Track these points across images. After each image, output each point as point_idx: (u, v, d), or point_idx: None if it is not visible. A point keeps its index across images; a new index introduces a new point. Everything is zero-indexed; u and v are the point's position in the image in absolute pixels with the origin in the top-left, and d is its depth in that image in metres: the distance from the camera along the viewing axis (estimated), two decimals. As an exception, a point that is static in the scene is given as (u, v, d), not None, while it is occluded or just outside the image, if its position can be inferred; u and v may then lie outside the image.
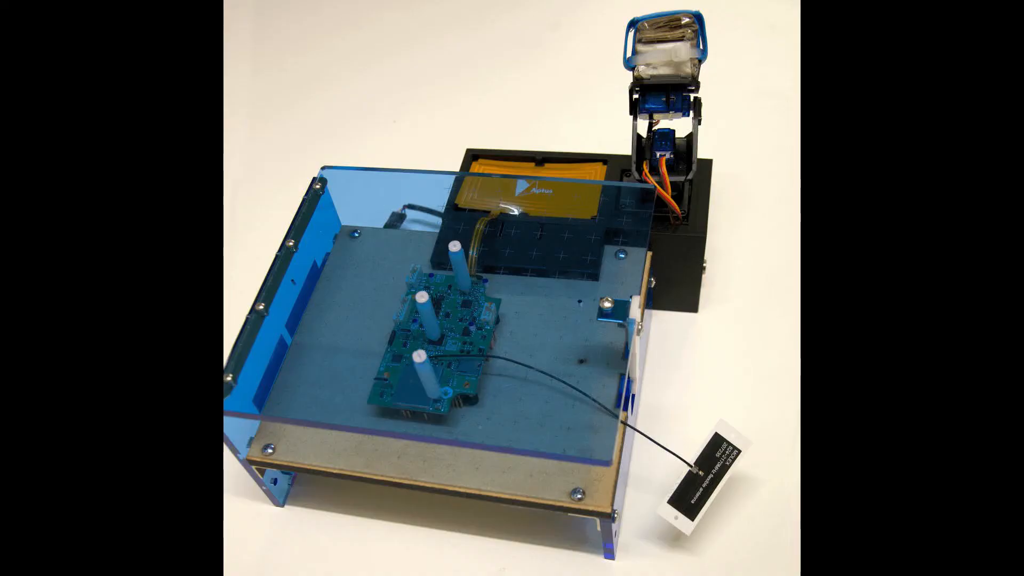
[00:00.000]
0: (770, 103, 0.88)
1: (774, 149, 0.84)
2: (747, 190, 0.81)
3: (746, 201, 0.80)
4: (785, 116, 0.86)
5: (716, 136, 0.82)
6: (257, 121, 0.97)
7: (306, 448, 0.58)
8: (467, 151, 0.75)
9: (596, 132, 0.86)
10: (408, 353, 0.57)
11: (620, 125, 0.72)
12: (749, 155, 0.83)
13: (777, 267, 0.74)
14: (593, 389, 0.55)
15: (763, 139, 0.85)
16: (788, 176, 0.81)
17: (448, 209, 0.68)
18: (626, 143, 0.72)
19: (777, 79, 0.89)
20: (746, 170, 0.82)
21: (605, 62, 0.86)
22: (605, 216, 0.64)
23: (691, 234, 0.66)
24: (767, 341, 0.69)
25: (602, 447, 0.52)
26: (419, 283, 0.61)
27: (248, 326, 0.57)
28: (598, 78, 0.91)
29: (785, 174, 0.81)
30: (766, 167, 0.82)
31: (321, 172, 0.66)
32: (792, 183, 0.80)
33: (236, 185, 0.90)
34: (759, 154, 0.84)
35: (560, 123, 0.90)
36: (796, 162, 0.81)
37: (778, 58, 0.91)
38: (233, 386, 0.54)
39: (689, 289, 0.70)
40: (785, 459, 0.62)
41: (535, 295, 0.61)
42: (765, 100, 0.88)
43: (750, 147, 0.84)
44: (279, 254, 0.61)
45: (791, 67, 0.90)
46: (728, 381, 0.67)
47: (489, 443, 0.54)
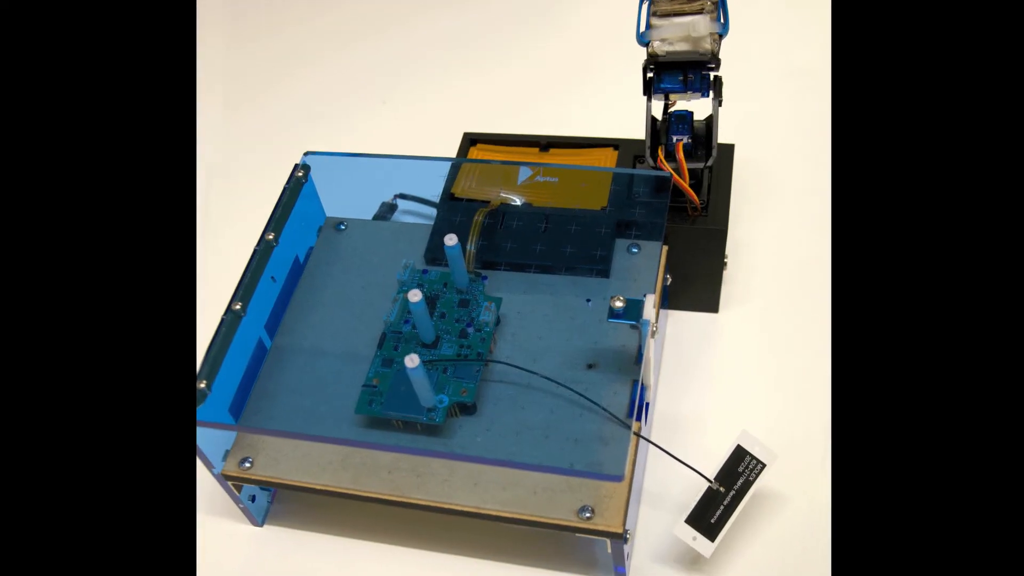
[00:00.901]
0: (798, 82, 0.87)
1: (802, 133, 0.83)
2: (772, 178, 0.81)
3: (771, 190, 0.80)
4: (815, 96, 0.86)
5: (738, 119, 0.82)
6: (233, 102, 0.97)
7: (287, 462, 0.58)
8: (464, 135, 0.75)
9: (606, 115, 0.86)
10: (400, 357, 0.57)
11: (633, 107, 0.72)
12: (775, 139, 0.83)
13: (805, 262, 0.74)
14: (603, 397, 0.55)
15: (790, 122, 0.85)
16: (818, 162, 0.81)
17: (443, 199, 0.68)
18: (639, 127, 0.72)
19: (806, 56, 0.89)
20: (771, 156, 0.82)
21: (616, 37, 0.86)
22: (616, 207, 0.64)
23: (711, 226, 0.66)
24: (794, 344, 0.69)
25: (613, 461, 0.52)
26: (412, 280, 0.61)
27: (224, 328, 0.57)
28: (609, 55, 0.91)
29: (814, 160, 0.81)
30: (794, 152, 0.82)
31: (304, 158, 0.66)
32: (822, 170, 0.80)
33: (210, 173, 0.90)
34: (786, 138, 0.83)
35: (567, 105, 0.90)
36: (826, 147, 0.81)
37: (807, 33, 0.91)
38: (207, 394, 0.54)
39: (708, 287, 0.70)
40: (815, 474, 0.62)
41: (539, 294, 0.61)
42: (793, 79, 0.88)
43: (776, 131, 0.84)
44: (258, 248, 0.61)
45: (821, 43, 0.90)
46: (751, 388, 0.67)
47: (488, 456, 0.54)
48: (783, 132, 0.84)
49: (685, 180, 0.64)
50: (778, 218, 0.77)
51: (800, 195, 0.79)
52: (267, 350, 0.61)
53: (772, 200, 0.79)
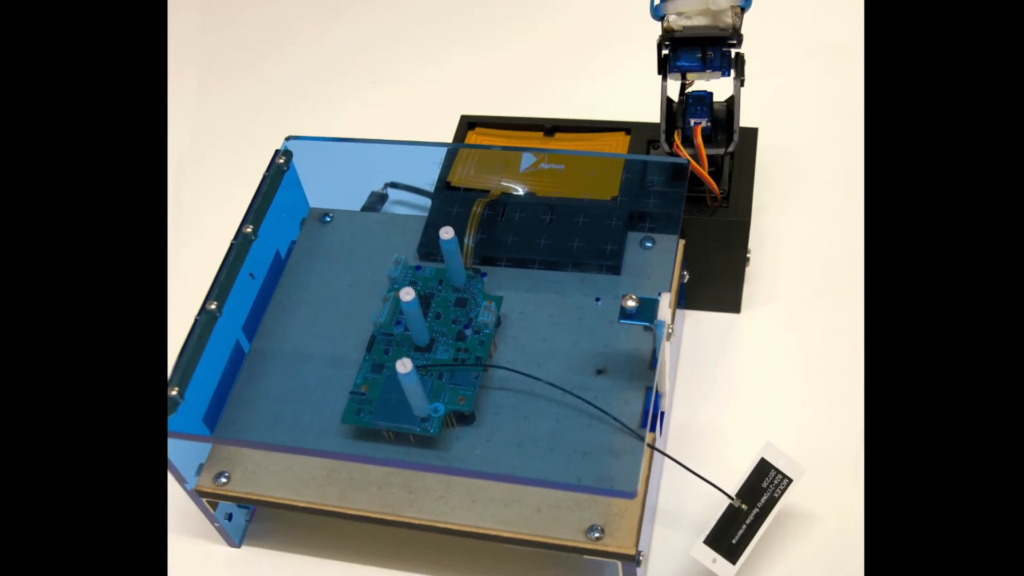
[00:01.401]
0: (828, 59, 0.87)
1: (833, 115, 0.83)
2: (800, 165, 0.80)
3: (798, 178, 0.80)
4: (846, 75, 0.86)
5: (762, 100, 0.82)
6: (207, 83, 0.97)
7: (267, 477, 0.58)
8: (462, 118, 0.75)
9: (617, 96, 0.86)
10: (391, 362, 0.57)
11: (646, 87, 0.72)
12: (802, 123, 0.83)
13: (836, 258, 0.74)
14: (614, 406, 0.55)
15: (819, 103, 0.85)
16: (850, 147, 0.81)
17: (438, 188, 0.68)
18: (653, 109, 0.71)
19: (837, 30, 0.89)
20: (799, 141, 0.82)
21: (628, 11, 0.86)
22: (628, 196, 0.64)
23: (732, 218, 0.66)
24: (824, 347, 0.69)
25: (625, 475, 0.52)
26: (404, 277, 0.61)
27: (197, 330, 0.57)
28: (620, 30, 0.91)
29: (846, 145, 0.81)
30: (823, 137, 0.82)
31: (285, 144, 0.66)
32: (855, 156, 0.80)
33: (182, 161, 0.90)
34: (815, 121, 0.83)
35: (574, 85, 0.90)
36: (859, 130, 0.81)
37: (838, 4, 0.91)
38: (179, 402, 0.54)
39: (730, 285, 0.70)
40: (846, 490, 0.62)
41: (544, 292, 0.61)
42: (822, 56, 0.88)
43: (803, 113, 0.84)
44: (235, 243, 0.61)
45: (853, 15, 0.90)
46: (776, 396, 0.67)
47: (488, 471, 0.53)
48: (811, 114, 0.84)
49: (704, 167, 0.64)
50: (806, 209, 0.77)
51: (830, 183, 0.79)
52: (245, 354, 0.61)
53: (799, 189, 0.79)
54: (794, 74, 0.87)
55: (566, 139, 0.72)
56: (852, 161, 0.80)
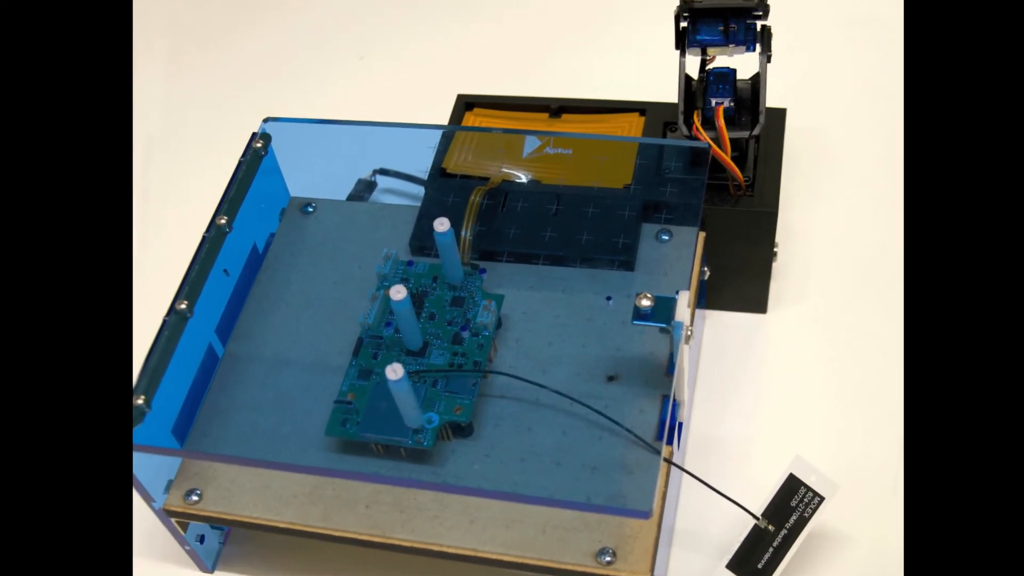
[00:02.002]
0: (864, 33, 0.87)
1: (869, 94, 0.83)
2: (832, 149, 0.80)
3: (831, 164, 0.79)
4: (884, 50, 0.86)
5: (791, 78, 0.82)
6: (178, 59, 0.97)
7: (243, 495, 0.59)
8: (458, 98, 0.75)
9: (631, 72, 0.86)
10: (380, 368, 0.57)
11: (663, 63, 0.72)
12: (835, 103, 0.83)
13: (873, 252, 0.74)
14: (627, 416, 0.55)
15: (855, 81, 0.85)
16: (888, 130, 0.81)
17: (433, 175, 0.68)
18: (670, 87, 0.71)
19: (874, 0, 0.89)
20: (831, 123, 0.82)
21: (643, -22, 0.86)
22: (643, 184, 0.64)
23: (758, 208, 0.66)
24: (859, 351, 0.69)
25: (639, 493, 0.52)
26: (394, 274, 0.61)
27: (166, 332, 0.57)
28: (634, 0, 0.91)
29: (884, 128, 0.81)
30: (858, 118, 0.82)
31: (263, 126, 0.66)
32: (893, 140, 0.80)
33: (150, 144, 0.90)
34: (849, 101, 0.83)
35: (583, 60, 0.90)
36: (898, 111, 0.81)
37: (875, -28, 0.91)
38: (146, 411, 0.54)
39: (755, 282, 0.70)
40: (884, 509, 0.62)
41: (549, 290, 0.61)
42: (857, 29, 0.88)
43: (837, 92, 0.84)
44: (207, 235, 0.61)
45: (892, -15, 0.90)
46: (807, 405, 0.67)
47: (488, 488, 0.53)
48: (845, 93, 0.84)
49: (726, 152, 0.64)
50: (839, 198, 0.77)
51: (866, 170, 0.79)
52: (218, 359, 0.61)
53: (832, 176, 0.79)
54: (826, 49, 0.86)
55: (574, 121, 0.72)
56: (890, 145, 0.80)
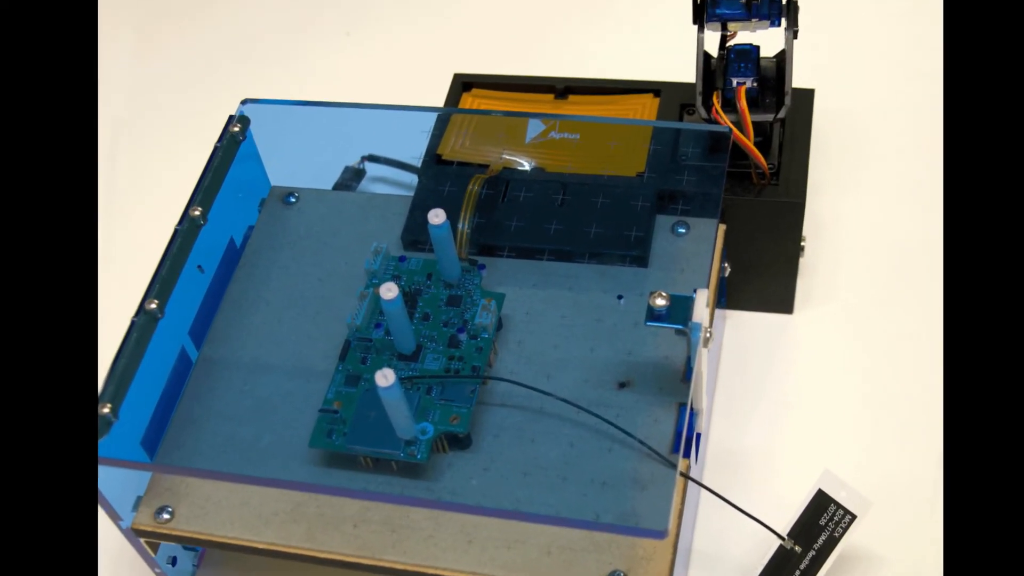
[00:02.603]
0: (899, 5, 0.87)
1: (905, 73, 0.83)
2: (865, 134, 0.80)
3: (863, 150, 0.79)
4: (922, 25, 0.85)
5: (820, 56, 0.82)
6: (147, 33, 0.97)
7: (219, 512, 0.58)
8: (455, 77, 0.75)
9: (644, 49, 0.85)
10: (369, 373, 0.57)
11: (679, 39, 0.72)
12: (868, 83, 0.83)
13: (910, 247, 0.74)
14: (640, 426, 0.55)
15: (889, 59, 0.84)
16: (926, 113, 0.81)
17: (427, 162, 0.68)
18: (688, 66, 0.71)
19: (910, -29, 0.89)
20: (864, 105, 0.82)
21: (657, -54, 0.86)
22: (657, 172, 0.64)
23: (783, 199, 0.66)
24: (895, 355, 0.69)
25: (653, 511, 0.52)
26: (385, 271, 0.61)
27: (134, 334, 0.57)
28: (647, -30, 0.91)
29: (922, 110, 0.81)
30: (894, 100, 0.82)
31: (241, 108, 0.66)
32: (932, 123, 0.80)
33: (116, 128, 0.90)
34: (883, 81, 0.83)
35: (591, 37, 0.89)
36: (937, 92, 0.81)
37: (911, -60, 0.91)
38: (112, 421, 0.54)
39: (780, 279, 0.70)
40: (921, 528, 0.62)
41: (555, 288, 0.61)
42: (892, 1, 0.87)
43: (870, 71, 0.84)
44: (179, 228, 0.61)
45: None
46: (837, 414, 0.67)
47: (487, 505, 0.53)
48: (879, 72, 0.83)
49: (749, 137, 0.64)
50: (873, 187, 0.77)
51: (902, 156, 0.79)
52: (192, 363, 0.61)
53: (865, 163, 0.78)
54: (858, 23, 0.86)
55: (582, 103, 0.72)
56: (929, 128, 0.79)
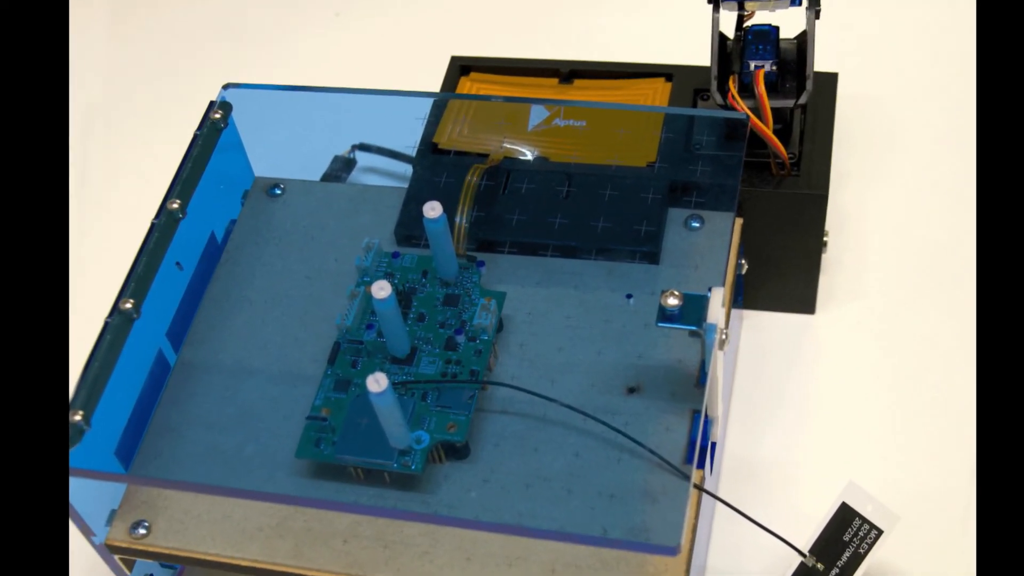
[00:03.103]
0: (929, -16, 0.87)
1: (936, 56, 0.83)
2: (892, 121, 0.80)
3: (891, 139, 0.79)
4: (954, 4, 0.85)
5: (844, 37, 0.81)
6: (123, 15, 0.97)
7: (199, 527, 0.58)
8: (452, 60, 0.75)
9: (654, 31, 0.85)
10: (360, 378, 0.57)
11: (693, 20, 0.72)
12: (896, 66, 0.83)
13: (940, 243, 0.74)
14: (651, 435, 0.55)
15: (918, 41, 0.84)
16: (958, 99, 0.80)
17: (422, 151, 0.68)
18: (702, 48, 0.71)
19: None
20: (891, 90, 0.81)
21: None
22: (669, 162, 0.64)
23: (804, 191, 0.65)
24: (925, 359, 0.69)
25: (665, 526, 0.52)
26: (377, 268, 0.61)
27: (108, 336, 0.57)
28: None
29: (953, 96, 0.81)
30: (922, 85, 0.82)
31: (223, 93, 0.66)
32: (964, 110, 0.80)
33: (90, 114, 0.90)
34: (912, 65, 0.83)
35: (598, 16, 0.89)
36: (970, 77, 0.81)
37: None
38: (85, 429, 0.54)
39: (801, 277, 0.70)
40: (953, 544, 0.62)
41: (559, 287, 0.61)
42: (921, -21, 0.88)
43: (897, 54, 0.84)
44: (157, 222, 0.61)
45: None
46: (862, 422, 0.67)
47: (487, 519, 0.53)
48: (908, 55, 0.83)
49: (768, 124, 0.64)
50: (901, 179, 0.77)
51: (932, 146, 0.78)
52: (170, 367, 0.61)
53: (892, 154, 0.78)
54: (885, 2, 0.86)
55: (588, 87, 0.72)
56: (961, 116, 0.79)
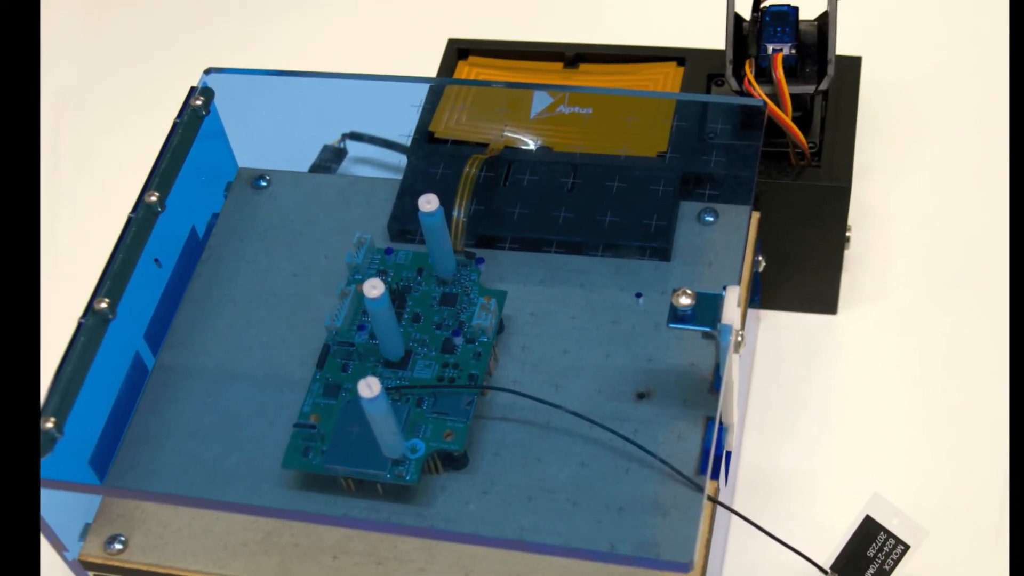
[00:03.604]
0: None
1: (966, 40, 0.83)
2: (920, 109, 0.80)
3: (918, 128, 0.79)
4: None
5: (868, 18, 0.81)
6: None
7: (179, 542, 0.58)
8: (449, 43, 0.75)
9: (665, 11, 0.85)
10: (351, 382, 0.57)
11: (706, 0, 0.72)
12: (923, 50, 0.83)
13: (969, 238, 0.74)
14: (662, 443, 0.55)
15: (948, 23, 0.84)
16: (989, 85, 0.80)
17: (418, 141, 0.68)
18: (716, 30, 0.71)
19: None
20: (918, 75, 0.81)
21: None
22: (681, 152, 0.64)
23: (826, 182, 0.65)
24: (952, 363, 0.69)
25: (677, 540, 0.52)
26: (369, 265, 0.61)
27: (82, 338, 0.57)
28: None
29: (984, 82, 0.81)
30: (953, 70, 0.82)
31: (204, 79, 0.66)
32: (995, 97, 0.80)
33: (61, 101, 0.90)
34: (941, 48, 0.83)
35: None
36: (1002, 61, 0.81)
37: None
38: (57, 437, 0.54)
39: (822, 275, 0.70)
40: (983, 560, 0.62)
41: (564, 285, 0.61)
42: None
43: (925, 37, 0.84)
44: (134, 216, 0.61)
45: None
46: (887, 429, 0.67)
47: (487, 533, 0.53)
48: (936, 38, 0.83)
49: (787, 111, 0.64)
50: (928, 170, 0.77)
51: (962, 135, 0.78)
52: (148, 372, 0.61)
53: (919, 143, 0.78)
54: (912, -18, 0.86)
55: (595, 72, 0.72)
56: (992, 103, 0.79)
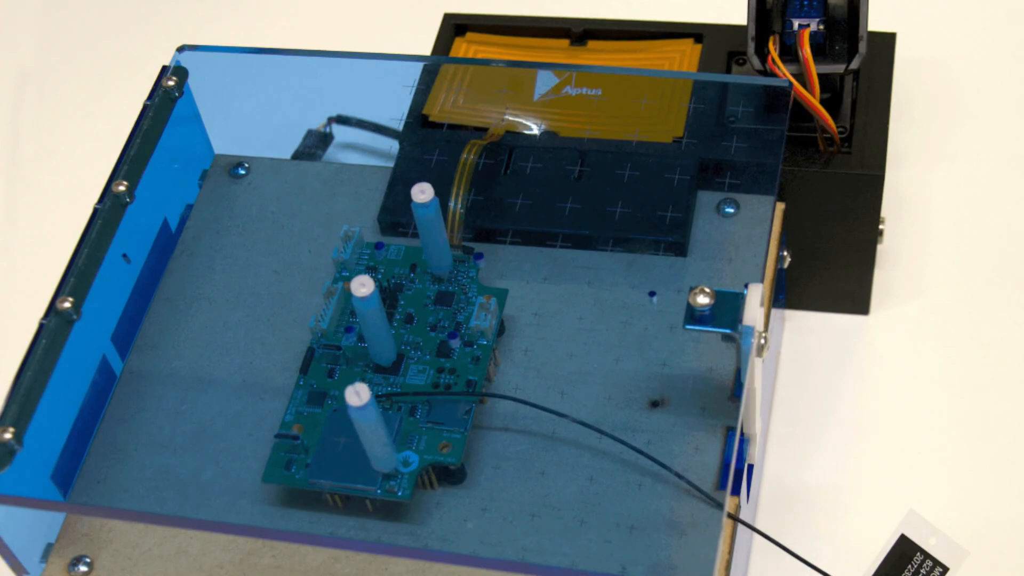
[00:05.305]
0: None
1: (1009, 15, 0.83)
2: (959, 91, 0.80)
3: (957, 111, 0.79)
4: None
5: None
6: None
7: (149, 564, 0.58)
8: (445, 17, 0.75)
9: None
10: (338, 389, 0.57)
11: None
12: (962, 27, 0.83)
13: (1012, 232, 0.74)
14: (677, 456, 0.55)
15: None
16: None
17: (411, 125, 0.68)
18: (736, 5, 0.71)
19: None
20: (957, 54, 0.82)
21: None
22: (699, 138, 0.64)
23: (857, 171, 0.65)
24: (994, 367, 0.69)
25: (694, 562, 0.52)
26: (357, 261, 0.61)
27: (43, 340, 0.57)
28: None
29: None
30: (994, 48, 0.82)
31: (177, 57, 0.66)
32: (1042, 77, 0.80)
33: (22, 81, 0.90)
34: (981, 25, 0.83)
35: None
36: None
37: None
38: (16, 449, 0.54)
39: (853, 272, 0.70)
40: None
41: (570, 283, 0.61)
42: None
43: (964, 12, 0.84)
44: (100, 208, 0.61)
45: None
46: (924, 441, 0.67)
47: (486, 555, 0.53)
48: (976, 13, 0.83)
49: (814, 93, 0.64)
50: (968, 157, 0.77)
51: (1005, 119, 0.78)
52: (116, 377, 0.61)
53: (958, 128, 0.78)
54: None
55: (604, 50, 0.72)
56: (1039, 84, 0.80)
